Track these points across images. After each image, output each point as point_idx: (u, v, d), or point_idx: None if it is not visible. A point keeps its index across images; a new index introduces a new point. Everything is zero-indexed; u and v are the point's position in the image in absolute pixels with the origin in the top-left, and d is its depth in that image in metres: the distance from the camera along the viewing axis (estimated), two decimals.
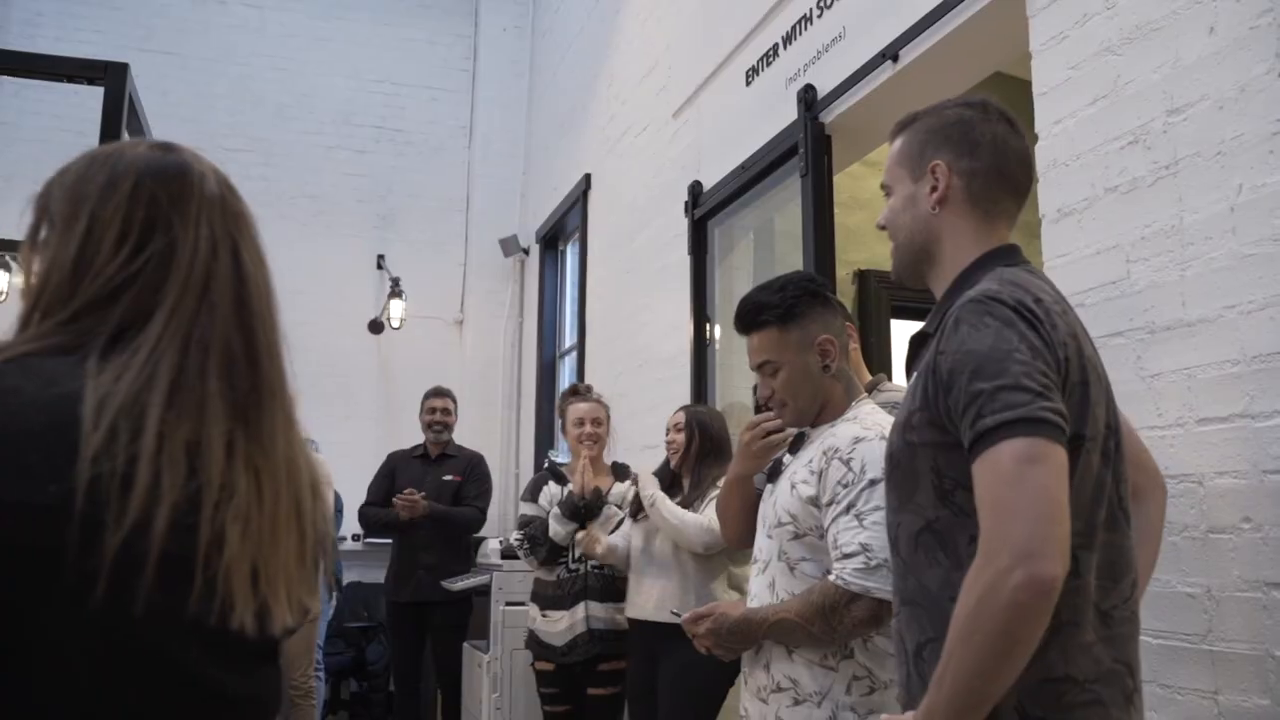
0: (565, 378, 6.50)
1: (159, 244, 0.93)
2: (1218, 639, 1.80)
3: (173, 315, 0.91)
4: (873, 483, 1.86)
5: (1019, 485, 1.20)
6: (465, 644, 4.66)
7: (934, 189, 1.47)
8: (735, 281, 4.22)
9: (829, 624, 1.84)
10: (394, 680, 5.01)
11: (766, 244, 4.18)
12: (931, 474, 1.35)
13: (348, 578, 6.46)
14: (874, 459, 1.88)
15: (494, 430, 7.04)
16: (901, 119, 1.58)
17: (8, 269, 5.63)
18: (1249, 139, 1.80)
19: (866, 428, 1.95)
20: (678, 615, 2.16)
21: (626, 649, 3.47)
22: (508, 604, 4.16)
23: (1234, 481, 1.79)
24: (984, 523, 1.23)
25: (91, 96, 2.31)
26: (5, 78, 5.78)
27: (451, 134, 7.58)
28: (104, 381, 0.85)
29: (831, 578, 1.86)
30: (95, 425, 0.82)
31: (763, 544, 2.09)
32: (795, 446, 2.14)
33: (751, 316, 2.06)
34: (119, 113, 2.19)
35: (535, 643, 3.67)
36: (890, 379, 2.76)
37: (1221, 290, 1.84)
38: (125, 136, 2.32)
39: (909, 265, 1.54)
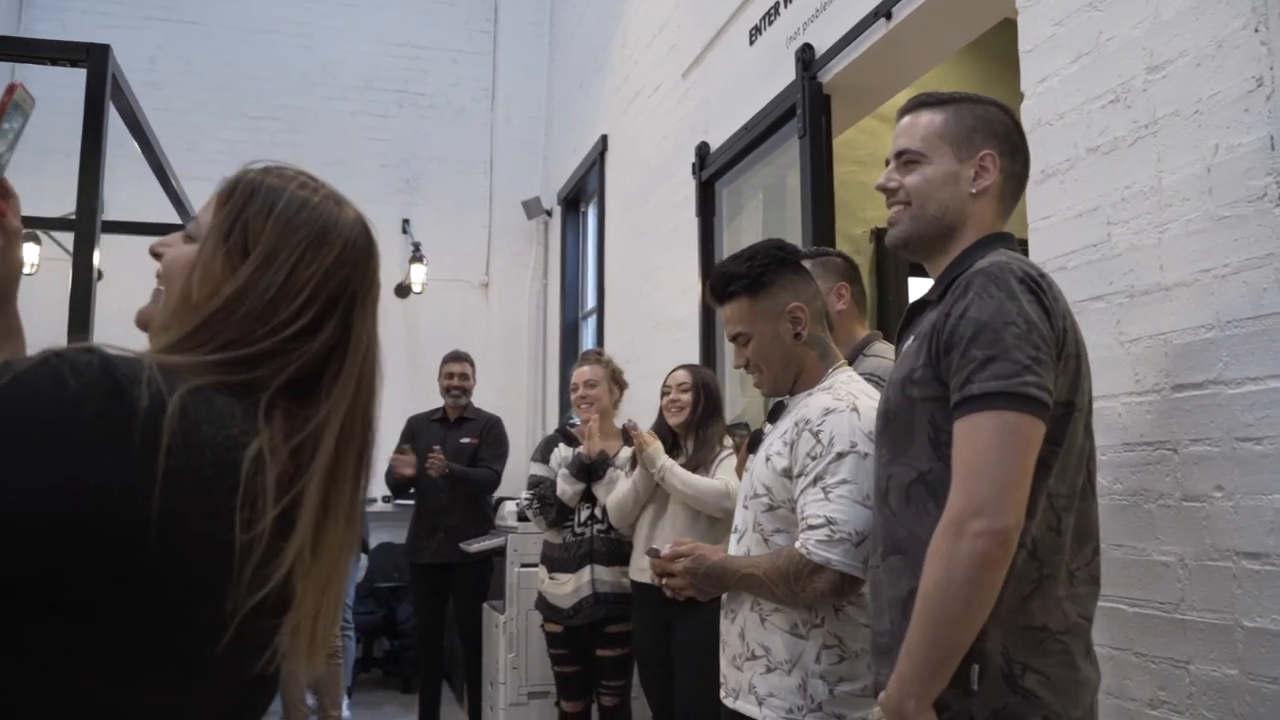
0: (587, 340, 6.52)
1: (336, 329, 0.97)
2: (1189, 608, 1.78)
3: (336, 405, 0.96)
4: (840, 455, 1.85)
5: (990, 453, 1.32)
6: (485, 604, 4.72)
7: (978, 175, 1.56)
8: (744, 242, 4.16)
9: (791, 589, 1.85)
10: (417, 639, 5.10)
11: (777, 203, 4.14)
12: (929, 427, 1.45)
13: (378, 539, 6.57)
14: (842, 431, 1.87)
15: (520, 392, 7.09)
16: (928, 95, 1.64)
17: (37, 241, 5.74)
18: (1225, 97, 1.74)
19: (838, 398, 1.94)
20: (656, 552, 2.19)
21: (632, 611, 3.50)
22: (523, 566, 4.21)
23: (1207, 449, 1.76)
24: (953, 483, 1.35)
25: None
26: None
27: (473, 96, 7.56)
28: (273, 447, 0.88)
29: (797, 545, 1.85)
30: (268, 501, 0.86)
31: (740, 514, 2.09)
32: (774, 416, 2.14)
33: (721, 287, 2.06)
34: (101, 95, 2.21)
35: (544, 605, 3.72)
36: (889, 338, 2.73)
37: (1197, 253, 1.79)
38: (112, 110, 2.34)
39: (926, 238, 1.60)
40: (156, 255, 1.02)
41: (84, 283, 2.16)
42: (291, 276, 0.95)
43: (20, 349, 1.12)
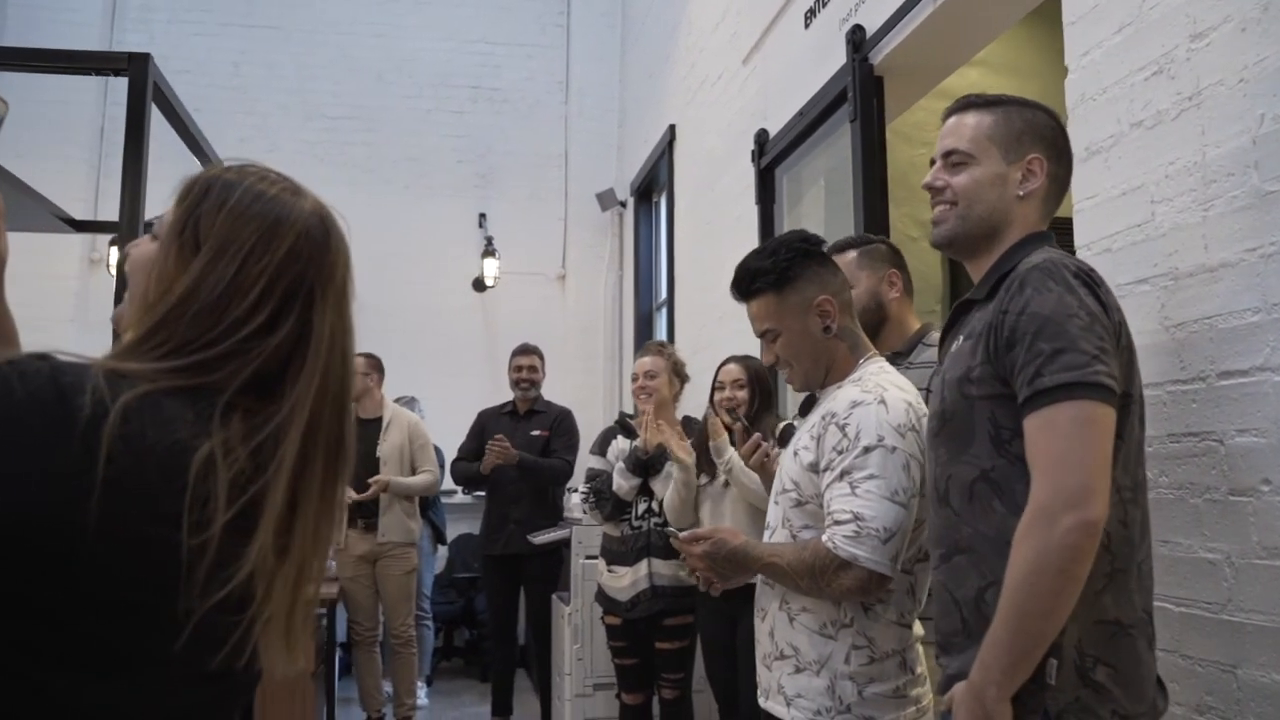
0: (660, 331, 6.49)
1: (293, 326, 0.96)
2: (1237, 609, 1.67)
3: (299, 403, 0.95)
4: (867, 449, 1.80)
5: (1073, 442, 1.32)
6: (553, 595, 4.75)
7: (1025, 179, 1.58)
8: (806, 229, 4.10)
9: (816, 583, 1.80)
10: (491, 629, 5.16)
11: (840, 189, 4.05)
12: (989, 424, 1.45)
13: (457, 530, 6.65)
14: (869, 425, 1.81)
15: (597, 384, 7.11)
16: (976, 96, 1.66)
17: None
18: (1272, 63, 1.63)
19: (866, 390, 1.88)
20: (675, 534, 2.15)
21: (695, 604, 3.47)
22: (587, 558, 4.20)
23: (1254, 440, 1.65)
24: (1037, 475, 1.35)
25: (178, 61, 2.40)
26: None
27: (547, 90, 7.58)
28: (227, 449, 0.88)
29: (824, 539, 1.80)
30: (220, 503, 0.86)
31: (772, 510, 2.05)
32: (806, 409, 2.09)
33: (746, 284, 2.01)
34: (142, 103, 2.27)
35: (603, 597, 3.72)
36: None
37: (1243, 232, 1.68)
38: (154, 113, 2.41)
39: (971, 238, 1.60)
40: (126, 255, 1.04)
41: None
42: (242, 270, 0.94)
43: (13, 344, 1.13)
